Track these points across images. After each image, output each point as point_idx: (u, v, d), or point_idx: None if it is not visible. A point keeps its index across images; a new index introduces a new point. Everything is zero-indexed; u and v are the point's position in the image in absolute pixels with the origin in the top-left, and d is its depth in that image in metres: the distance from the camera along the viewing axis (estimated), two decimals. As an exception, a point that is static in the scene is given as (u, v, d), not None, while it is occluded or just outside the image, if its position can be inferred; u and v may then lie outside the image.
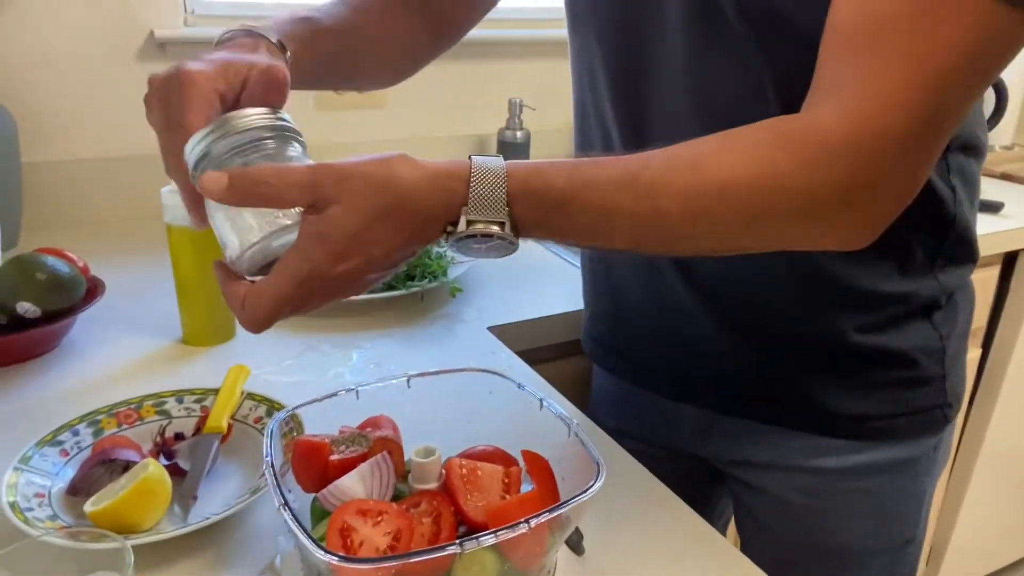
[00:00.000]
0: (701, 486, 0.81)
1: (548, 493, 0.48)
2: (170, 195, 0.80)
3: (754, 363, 0.68)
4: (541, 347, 0.98)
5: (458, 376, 0.58)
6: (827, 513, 0.71)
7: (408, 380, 0.57)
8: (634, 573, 0.55)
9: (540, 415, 0.54)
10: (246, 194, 0.46)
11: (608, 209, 0.47)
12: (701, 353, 0.70)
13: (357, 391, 0.56)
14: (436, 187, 0.47)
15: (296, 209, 0.47)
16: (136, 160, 1.26)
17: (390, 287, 0.96)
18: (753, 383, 0.69)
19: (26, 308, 0.77)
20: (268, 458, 0.46)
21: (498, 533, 0.40)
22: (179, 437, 0.65)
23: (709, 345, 0.69)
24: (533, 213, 0.47)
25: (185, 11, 1.27)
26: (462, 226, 0.47)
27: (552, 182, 0.47)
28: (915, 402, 0.67)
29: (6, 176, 1.06)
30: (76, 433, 0.63)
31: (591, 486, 0.44)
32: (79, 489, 0.59)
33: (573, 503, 0.43)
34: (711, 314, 0.68)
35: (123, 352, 0.83)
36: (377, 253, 0.46)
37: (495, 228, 0.47)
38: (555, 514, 0.42)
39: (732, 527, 0.87)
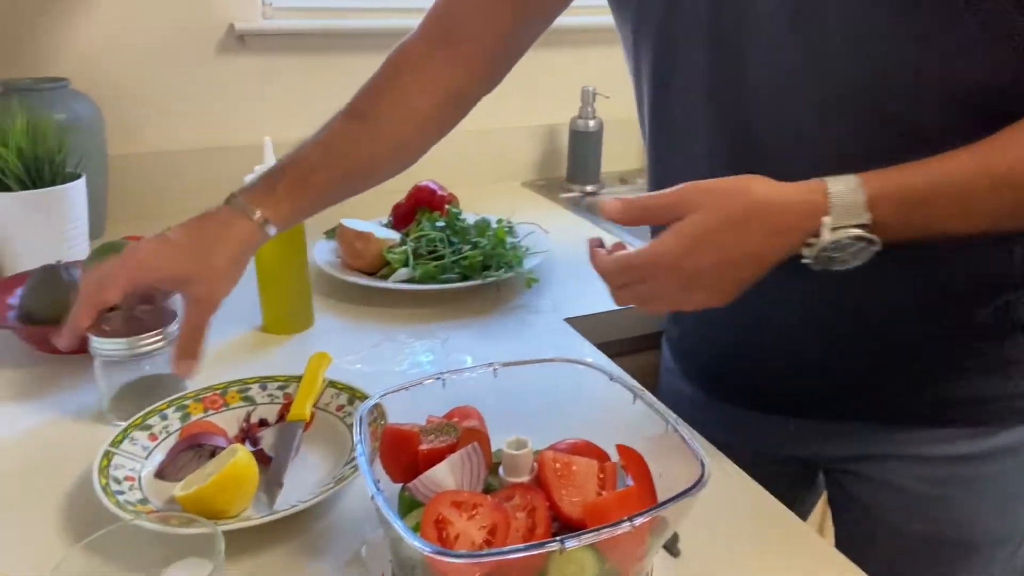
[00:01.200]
0: (792, 488, 0.77)
1: (646, 491, 0.46)
2: (252, 183, 0.80)
3: (864, 369, 0.65)
4: (617, 340, 0.95)
5: (545, 366, 0.56)
6: (951, 502, 0.67)
7: (495, 370, 0.55)
8: (734, 575, 0.52)
9: (632, 408, 0.52)
10: (634, 217, 0.55)
11: (967, 199, 0.50)
12: (802, 366, 0.68)
13: (443, 380, 0.54)
14: (793, 199, 0.51)
15: None
16: (217, 152, 1.29)
17: (465, 277, 0.95)
18: (862, 388, 0.66)
19: (115, 294, 0.79)
20: (359, 446, 0.45)
21: (600, 531, 0.38)
22: (263, 424, 0.65)
23: (812, 356, 0.67)
24: (895, 213, 0.50)
25: (263, 4, 1.29)
26: (826, 234, 0.49)
27: (909, 181, 0.50)
28: None
29: (94, 168, 1.09)
30: (164, 417, 0.64)
31: (696, 485, 0.41)
32: (167, 473, 0.59)
33: (678, 502, 0.40)
34: (818, 324, 0.65)
35: (206, 338, 0.84)
36: (728, 255, 0.51)
37: (859, 231, 0.49)
38: (659, 512, 0.40)
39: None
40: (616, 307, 0.96)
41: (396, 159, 0.79)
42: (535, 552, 0.37)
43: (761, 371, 0.71)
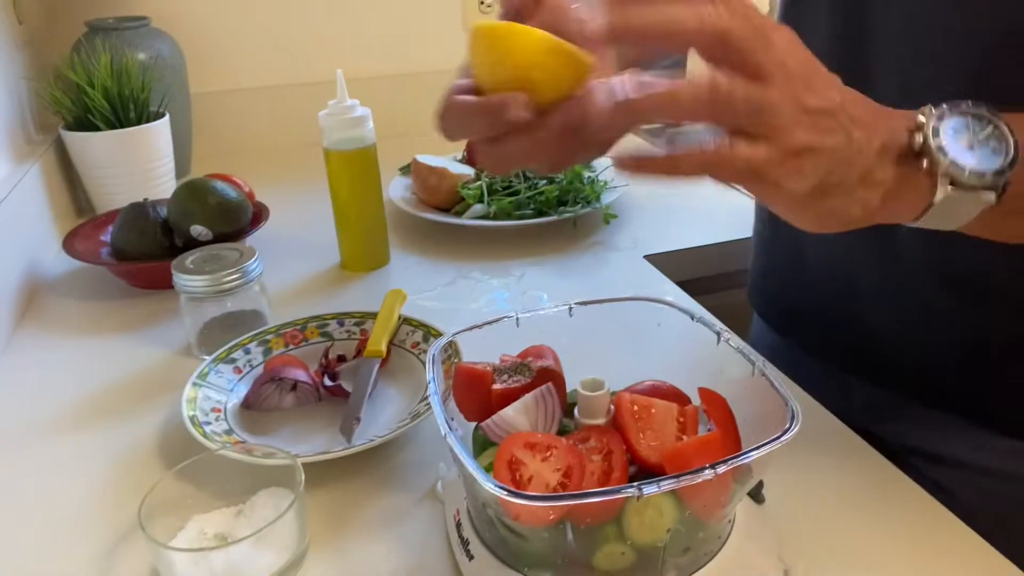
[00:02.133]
0: None
1: (729, 437, 0.44)
2: (327, 118, 0.79)
3: (959, 351, 0.58)
4: (700, 278, 0.91)
5: (623, 305, 0.54)
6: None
7: (570, 308, 0.53)
8: (820, 523, 0.50)
9: (716, 350, 0.49)
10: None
11: None
12: (896, 334, 0.62)
13: (517, 318, 0.53)
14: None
15: None
16: (295, 88, 1.29)
17: (541, 213, 0.93)
18: (952, 372, 0.59)
19: (199, 231, 0.81)
20: (432, 384, 0.44)
21: (680, 478, 0.36)
22: (341, 359, 0.66)
23: (910, 327, 0.60)
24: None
25: (335, -66, 1.26)
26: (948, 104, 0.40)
27: None
28: None
29: (177, 107, 1.11)
30: (248, 352, 0.65)
31: (785, 433, 0.39)
32: (252, 404, 0.61)
33: (763, 450, 0.38)
34: (921, 295, 0.59)
35: (286, 275, 0.86)
36: (852, 107, 0.38)
37: (988, 114, 0.40)
38: (743, 461, 0.37)
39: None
40: (698, 243, 0.93)
41: None
42: (611, 497, 0.36)
43: (853, 330, 0.65)
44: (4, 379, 0.69)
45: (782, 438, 0.38)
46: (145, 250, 0.81)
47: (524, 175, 0.97)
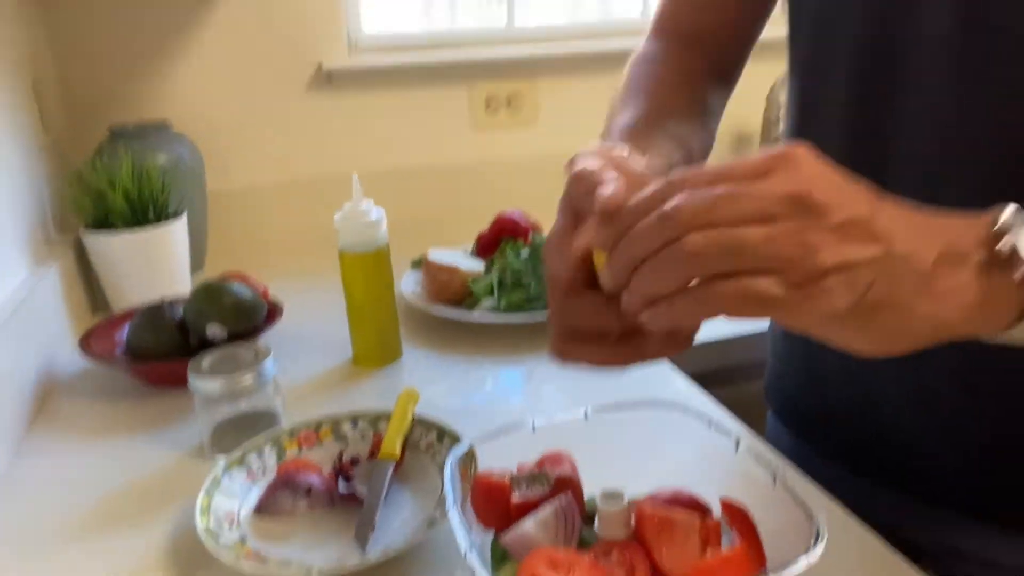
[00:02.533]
0: None
1: (753, 550, 0.43)
2: (342, 222, 0.81)
3: (987, 456, 0.57)
4: (716, 370, 0.91)
5: (639, 409, 0.54)
6: None
7: (586, 413, 0.53)
8: (846, 640, 0.48)
9: (734, 457, 0.49)
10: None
11: None
12: (922, 441, 0.60)
13: (533, 424, 0.53)
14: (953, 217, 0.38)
15: None
16: (307, 186, 1.33)
17: (551, 308, 0.94)
18: (982, 477, 0.58)
19: (214, 331, 0.82)
20: (450, 498, 0.44)
21: (707, 598, 0.36)
22: (355, 462, 0.66)
23: (935, 434, 0.59)
24: None
25: (349, 44, 1.32)
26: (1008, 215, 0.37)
27: None
28: None
29: (195, 205, 1.14)
30: (261, 455, 0.65)
31: (810, 551, 0.38)
32: (265, 510, 0.60)
33: (793, 569, 0.37)
34: (948, 402, 0.58)
35: (299, 371, 0.86)
36: (892, 223, 0.35)
37: None
38: (770, 579, 0.37)
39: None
40: (714, 337, 0.93)
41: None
42: (638, 620, 0.35)
43: (867, 438, 0.65)
44: (15, 483, 0.68)
45: (808, 557, 0.38)
46: (161, 350, 0.82)
47: (534, 269, 0.99)
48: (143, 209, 1.00)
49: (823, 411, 0.70)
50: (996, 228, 0.36)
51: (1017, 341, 0.39)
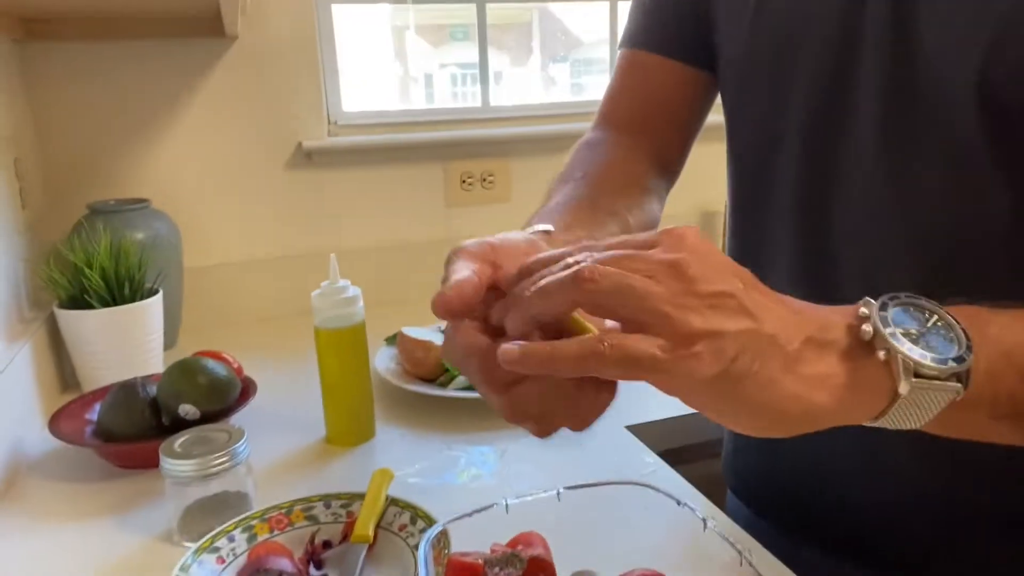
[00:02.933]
0: None
1: (722, 630, 0.44)
2: (319, 299, 0.83)
3: (946, 530, 0.59)
4: (682, 447, 0.93)
5: (609, 488, 0.55)
6: None
7: (558, 493, 0.54)
8: None
9: (703, 536, 0.50)
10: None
11: None
12: (880, 516, 0.62)
13: (507, 504, 0.53)
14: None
15: None
16: (284, 260, 1.34)
17: (524, 383, 0.95)
18: (939, 551, 0.60)
19: (187, 410, 0.82)
20: (424, 582, 0.45)
21: None
22: (327, 545, 0.65)
23: (893, 509, 0.61)
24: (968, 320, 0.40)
25: (328, 123, 1.36)
26: (882, 309, 0.38)
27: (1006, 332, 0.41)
28: None
29: (171, 281, 1.15)
30: (232, 539, 0.64)
31: (776, 629, 0.39)
32: (234, 598, 0.59)
33: (757, 649, 0.38)
34: (905, 475, 0.59)
35: (271, 450, 0.86)
36: (767, 309, 0.37)
37: (929, 304, 0.39)
38: (737, 661, 0.38)
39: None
40: (680, 412, 0.95)
41: None
42: None
43: (825, 512, 0.66)
44: (-25, 572, 0.67)
45: (773, 636, 0.39)
46: (133, 430, 0.81)
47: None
48: (119, 286, 1.01)
49: (778, 486, 0.71)
50: (859, 314, 0.38)
51: (894, 426, 0.39)
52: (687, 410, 0.92)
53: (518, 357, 0.36)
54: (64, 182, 1.22)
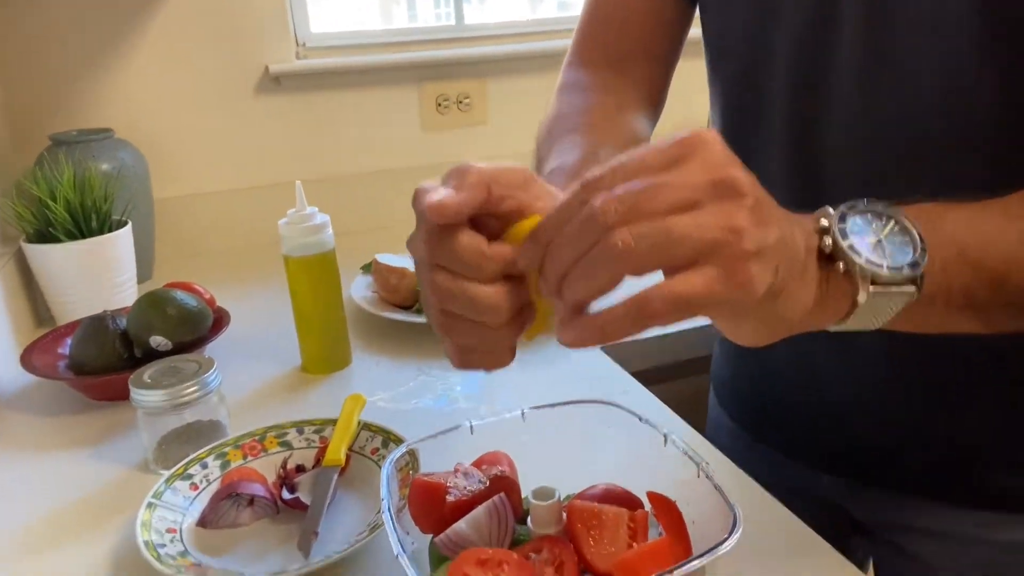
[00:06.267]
0: (842, 539, 0.72)
1: (678, 541, 0.45)
2: (286, 227, 0.81)
3: (928, 436, 0.61)
4: (658, 366, 0.93)
5: (575, 408, 0.56)
6: None
7: (523, 413, 0.54)
8: (775, 624, 0.50)
9: (665, 451, 0.51)
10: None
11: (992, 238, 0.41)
12: (862, 425, 0.64)
13: (471, 425, 0.54)
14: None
15: None
16: (256, 190, 1.32)
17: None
18: (921, 457, 0.62)
19: (158, 342, 0.81)
20: (385, 501, 0.45)
21: (627, 591, 0.37)
22: (300, 469, 0.66)
23: (875, 417, 0.63)
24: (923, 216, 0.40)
25: (297, 45, 1.32)
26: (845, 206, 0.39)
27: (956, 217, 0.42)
28: None
29: (140, 213, 1.13)
30: (205, 466, 0.65)
31: (728, 538, 0.40)
32: (208, 522, 0.60)
33: (707, 558, 0.39)
34: (881, 377, 0.61)
35: (247, 380, 0.86)
36: (773, 207, 0.36)
37: (886, 210, 0.39)
38: (689, 569, 0.38)
39: None
40: (656, 333, 0.95)
41: None
42: (560, 615, 0.37)
43: (809, 425, 0.68)
44: (-46, 504, 0.67)
45: (723, 546, 0.39)
46: (104, 363, 0.81)
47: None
48: (86, 219, 0.99)
49: (774, 408, 0.72)
50: (819, 226, 0.38)
51: (856, 328, 0.40)
52: (663, 330, 0.93)
53: (575, 340, 0.35)
54: (25, 114, 1.18)
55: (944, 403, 0.60)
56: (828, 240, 0.38)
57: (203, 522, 0.60)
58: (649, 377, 0.91)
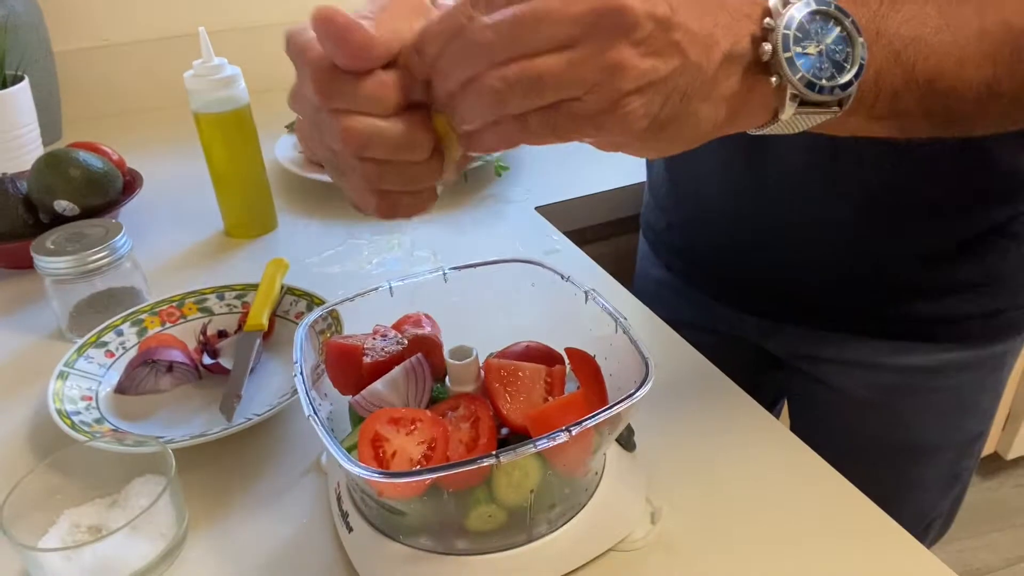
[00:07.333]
0: (757, 375, 0.77)
1: (594, 393, 0.45)
2: (193, 80, 0.75)
3: (837, 281, 0.64)
4: (592, 226, 0.92)
5: (498, 267, 0.54)
6: (904, 410, 0.68)
7: (444, 274, 0.53)
8: (688, 468, 0.52)
9: (586, 308, 0.50)
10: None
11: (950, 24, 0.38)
12: (781, 265, 0.66)
13: (391, 287, 0.52)
14: None
15: None
16: (169, 41, 1.21)
17: (432, 168, 0.91)
18: (843, 294, 0.65)
19: (64, 206, 0.76)
20: (297, 364, 0.44)
21: (537, 443, 0.38)
22: (222, 335, 0.65)
23: (801, 255, 0.65)
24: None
25: None
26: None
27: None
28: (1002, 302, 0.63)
29: (39, 68, 1.03)
30: (120, 333, 0.63)
31: (639, 388, 0.40)
32: (126, 389, 0.59)
33: (618, 408, 0.39)
34: (812, 225, 0.63)
35: (167, 247, 0.82)
36: (689, 21, 0.33)
37: (834, 10, 0.36)
38: (597, 420, 0.39)
39: (784, 417, 0.84)
40: (590, 192, 0.94)
41: None
42: (467, 468, 0.37)
43: (738, 266, 0.70)
44: None
45: (635, 395, 0.40)
46: (7, 229, 0.76)
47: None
48: (-26, 74, 0.90)
49: (695, 242, 0.73)
50: (764, 24, 0.35)
51: (767, 133, 0.39)
52: (597, 188, 0.92)
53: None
54: None
55: (867, 244, 0.62)
56: (767, 47, 0.35)
57: (121, 389, 0.59)
58: (586, 236, 0.91)
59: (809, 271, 0.65)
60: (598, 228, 0.92)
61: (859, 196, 0.60)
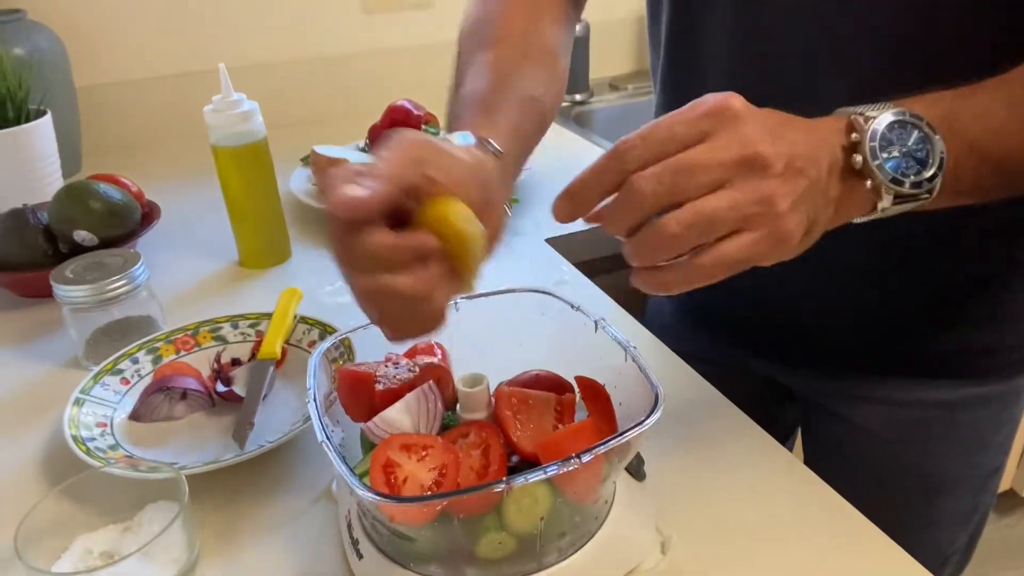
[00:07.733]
0: (771, 407, 0.76)
1: (604, 421, 0.45)
2: (213, 115, 0.77)
3: (866, 317, 0.64)
4: (601, 258, 0.93)
5: (508, 297, 0.55)
6: (921, 446, 0.67)
7: (455, 304, 0.54)
8: (699, 497, 0.52)
9: (596, 337, 0.51)
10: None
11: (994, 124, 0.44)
12: (795, 307, 0.66)
13: (403, 316, 0.53)
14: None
15: None
16: (186, 77, 1.24)
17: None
18: (855, 335, 0.65)
19: (83, 236, 0.78)
20: (311, 391, 0.45)
21: (547, 470, 0.38)
22: (235, 363, 0.65)
23: (813, 302, 0.65)
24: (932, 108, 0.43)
25: (221, -85, 1.21)
26: (874, 112, 0.42)
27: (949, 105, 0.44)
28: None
29: (62, 103, 1.06)
30: (136, 361, 0.64)
31: (648, 416, 0.40)
32: (140, 416, 0.60)
33: (627, 436, 0.39)
34: (825, 268, 0.62)
35: (182, 276, 0.84)
36: (799, 147, 0.39)
37: (910, 118, 0.42)
38: (607, 447, 0.39)
39: (797, 449, 0.83)
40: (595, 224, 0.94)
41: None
42: (479, 493, 0.37)
43: (751, 315, 0.70)
44: None
45: (645, 423, 0.40)
46: (28, 259, 0.78)
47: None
48: (1, 108, 0.92)
49: (719, 298, 0.73)
50: (851, 139, 0.41)
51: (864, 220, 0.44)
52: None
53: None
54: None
55: (880, 284, 0.62)
56: (859, 158, 0.41)
57: (135, 416, 0.60)
58: (596, 268, 0.92)
59: (823, 312, 0.65)
60: (607, 260, 0.93)
61: (871, 238, 0.60)
